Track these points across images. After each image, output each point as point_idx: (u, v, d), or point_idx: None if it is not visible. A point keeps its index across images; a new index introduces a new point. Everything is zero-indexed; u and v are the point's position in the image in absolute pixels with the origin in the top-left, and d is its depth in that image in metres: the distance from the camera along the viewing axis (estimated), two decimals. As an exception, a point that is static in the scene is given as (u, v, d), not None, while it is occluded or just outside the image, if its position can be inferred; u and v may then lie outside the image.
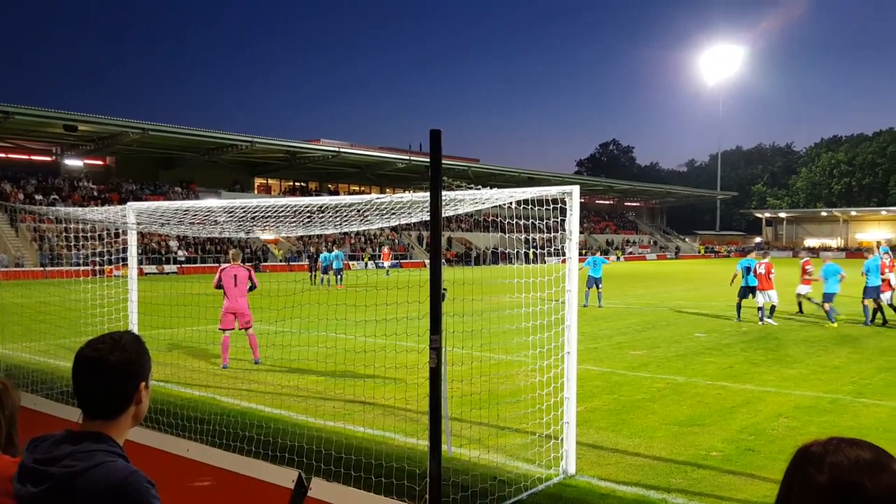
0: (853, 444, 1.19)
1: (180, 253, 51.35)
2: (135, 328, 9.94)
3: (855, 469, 1.12)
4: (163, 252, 50.49)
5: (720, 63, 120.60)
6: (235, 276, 12.77)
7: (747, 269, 19.73)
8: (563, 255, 7.40)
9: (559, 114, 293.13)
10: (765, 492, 6.45)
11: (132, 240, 10.44)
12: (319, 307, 11.68)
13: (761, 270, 19.23)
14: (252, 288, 13.00)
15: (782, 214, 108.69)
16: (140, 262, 10.91)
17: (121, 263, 11.48)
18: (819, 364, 13.12)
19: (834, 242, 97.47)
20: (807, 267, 20.51)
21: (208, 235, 22.77)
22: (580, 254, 7.45)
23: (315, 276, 35.64)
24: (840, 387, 11.13)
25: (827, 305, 18.64)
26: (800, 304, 21.34)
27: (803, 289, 20.84)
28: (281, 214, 9.07)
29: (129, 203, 10.42)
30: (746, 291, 19.63)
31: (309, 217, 9.05)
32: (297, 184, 71.51)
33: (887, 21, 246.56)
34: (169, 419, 8.12)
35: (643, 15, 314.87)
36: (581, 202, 7.35)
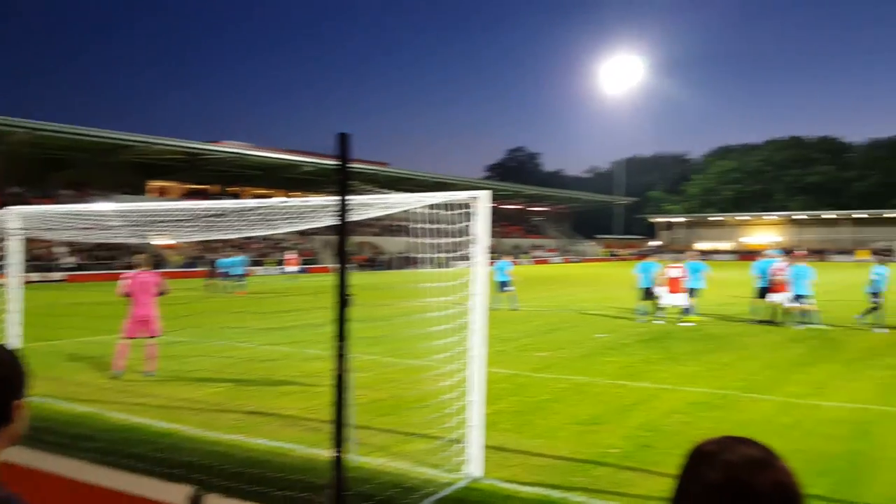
0: (744, 443, 1.25)
1: (69, 259, 48.83)
2: (15, 341, 9.36)
3: (745, 467, 1.17)
4: (49, 259, 47.88)
5: (621, 74, 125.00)
6: (146, 282, 12.16)
7: (646, 270, 20.52)
8: (471, 259, 7.46)
9: (469, 119, 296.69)
10: (661, 486, 6.68)
11: (13, 247, 9.83)
12: (218, 315, 11.35)
13: (672, 274, 20.04)
14: (162, 293, 12.43)
15: (677, 219, 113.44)
16: (24, 270, 10.25)
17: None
18: (711, 362, 13.74)
19: (725, 246, 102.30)
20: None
21: (101, 241, 21.76)
22: (490, 258, 7.56)
23: (213, 282, 34.30)
24: (730, 383, 11.67)
25: (689, 301, 19.65)
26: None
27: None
28: (179, 218, 8.78)
29: (9, 207, 9.82)
30: (649, 293, 20.38)
31: (209, 221, 8.79)
32: (197, 187, 69.31)
33: (775, 37, 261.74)
34: (52, 437, 7.67)
35: (550, 24, 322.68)
36: (490, 207, 7.42)
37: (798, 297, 19.24)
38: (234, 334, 14.94)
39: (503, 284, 23.95)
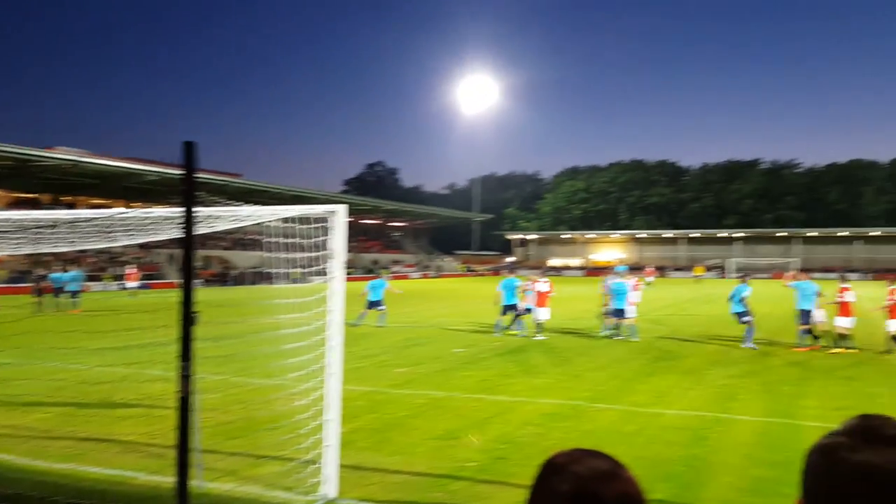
0: (592, 455, 1.30)
1: None
2: None
3: (593, 478, 1.22)
4: None
5: (477, 94, 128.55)
6: None
7: (509, 288, 20.97)
8: (328, 274, 7.27)
9: (328, 133, 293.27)
10: (516, 498, 6.76)
11: None
12: (47, 335, 10.42)
13: (541, 288, 20.88)
14: None
15: (531, 236, 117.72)
16: None
17: None
18: (562, 373, 14.24)
19: (575, 262, 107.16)
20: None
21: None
22: (347, 273, 7.38)
23: (42, 299, 31.39)
24: (579, 394, 12.11)
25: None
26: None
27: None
28: (4, 230, 8.00)
29: None
30: (510, 308, 20.80)
31: (38, 233, 8.06)
32: (26, 196, 64.05)
33: (619, 64, 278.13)
34: None
35: (409, 42, 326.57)
36: (347, 221, 7.28)
37: (617, 312, 20.31)
38: (65, 355, 13.77)
39: (375, 303, 23.50)
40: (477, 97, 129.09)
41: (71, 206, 63.84)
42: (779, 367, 15.19)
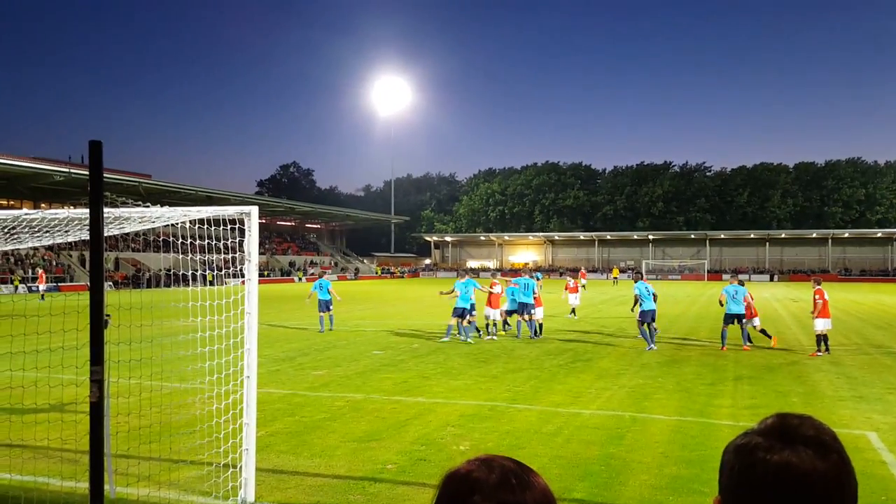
0: (500, 462, 1.23)
1: None
2: None
3: (502, 487, 1.17)
4: None
5: (391, 95, 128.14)
6: None
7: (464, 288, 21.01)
8: (243, 276, 7.21)
9: (240, 132, 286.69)
10: (436, 498, 6.86)
11: None
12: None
13: (497, 290, 21.57)
14: None
15: (448, 238, 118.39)
16: None
17: None
18: (480, 374, 14.43)
19: (491, 263, 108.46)
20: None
21: None
22: (262, 274, 7.31)
23: None
24: (498, 395, 12.31)
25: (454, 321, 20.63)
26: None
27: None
28: None
29: None
30: (464, 312, 20.60)
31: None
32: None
33: (534, 68, 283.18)
34: None
35: (321, 43, 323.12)
36: (262, 223, 7.25)
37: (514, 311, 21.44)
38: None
39: (325, 304, 22.82)
40: (391, 99, 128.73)
41: (-30, 206, 60.47)
42: (692, 367, 15.56)
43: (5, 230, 7.76)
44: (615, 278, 74.44)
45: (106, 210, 5.41)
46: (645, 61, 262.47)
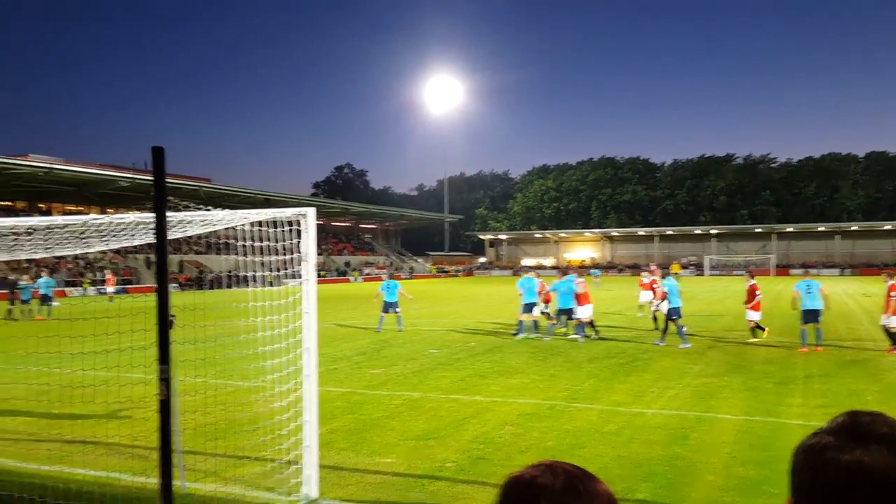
0: (563, 468, 1.22)
1: None
2: None
3: (566, 493, 1.15)
4: None
5: (443, 94, 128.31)
6: None
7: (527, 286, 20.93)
8: (301, 276, 7.33)
9: (295, 135, 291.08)
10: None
11: None
12: (27, 340, 10.40)
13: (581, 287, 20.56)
14: None
15: (502, 236, 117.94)
16: None
17: None
18: (538, 373, 14.32)
19: (547, 261, 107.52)
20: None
21: None
22: (318, 275, 7.42)
23: (14, 307, 31.03)
24: (556, 394, 12.20)
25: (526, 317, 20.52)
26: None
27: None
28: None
29: None
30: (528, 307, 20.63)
31: (15, 239, 8.03)
32: (1, 203, 63.21)
33: (586, 62, 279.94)
34: None
35: (374, 43, 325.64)
36: (318, 224, 7.36)
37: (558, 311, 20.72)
38: (46, 360, 13.73)
39: (391, 305, 22.75)
40: (443, 98, 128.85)
41: (47, 212, 63.14)
42: (759, 365, 15.16)
43: (76, 235, 8.08)
44: (675, 274, 72.67)
45: (169, 214, 5.57)
46: (703, 50, 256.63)
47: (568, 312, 20.11)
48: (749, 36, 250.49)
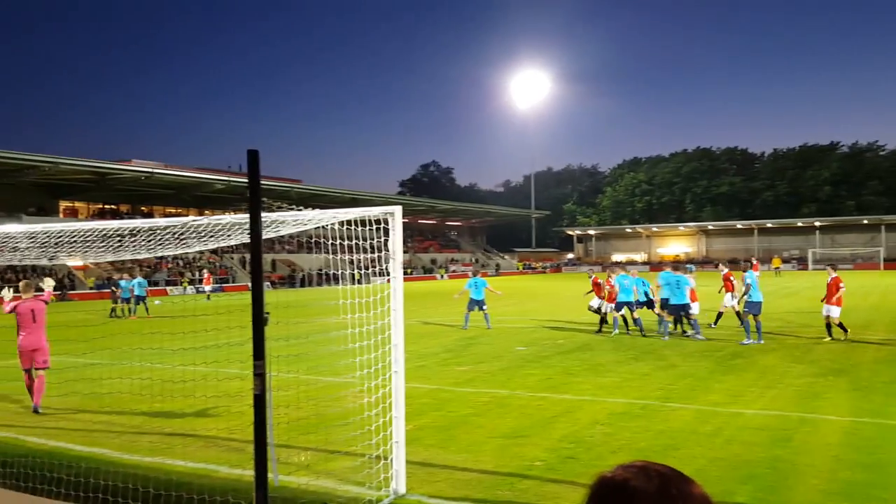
0: (655, 469, 1.20)
1: (-32, 283, 46.09)
2: None
3: (660, 495, 1.14)
4: (-54, 282, 45.09)
5: (529, 88, 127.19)
6: (33, 310, 11.09)
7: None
8: (388, 274, 7.42)
9: (382, 135, 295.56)
10: (585, 497, 6.74)
11: None
12: (131, 336, 10.96)
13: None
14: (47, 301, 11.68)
15: (591, 231, 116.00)
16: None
17: None
18: (629, 372, 14.00)
19: (639, 256, 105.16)
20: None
21: (7, 263, 20.65)
22: (405, 272, 7.53)
23: (118, 305, 32.86)
24: (649, 393, 11.87)
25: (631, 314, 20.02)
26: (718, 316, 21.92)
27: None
28: (88, 239, 8.43)
29: None
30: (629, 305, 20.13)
31: (120, 241, 8.47)
32: (106, 206, 66.97)
33: (678, 51, 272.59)
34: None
35: (459, 40, 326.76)
36: (404, 222, 7.43)
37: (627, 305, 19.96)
38: (149, 356, 14.42)
39: (478, 303, 22.62)
40: (529, 92, 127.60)
41: (148, 215, 66.51)
42: (867, 364, 14.36)
43: (175, 236, 8.45)
44: (777, 269, 69.62)
45: (263, 214, 5.74)
46: (801, 34, 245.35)
47: (683, 308, 19.14)
48: (852, 20, 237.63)
